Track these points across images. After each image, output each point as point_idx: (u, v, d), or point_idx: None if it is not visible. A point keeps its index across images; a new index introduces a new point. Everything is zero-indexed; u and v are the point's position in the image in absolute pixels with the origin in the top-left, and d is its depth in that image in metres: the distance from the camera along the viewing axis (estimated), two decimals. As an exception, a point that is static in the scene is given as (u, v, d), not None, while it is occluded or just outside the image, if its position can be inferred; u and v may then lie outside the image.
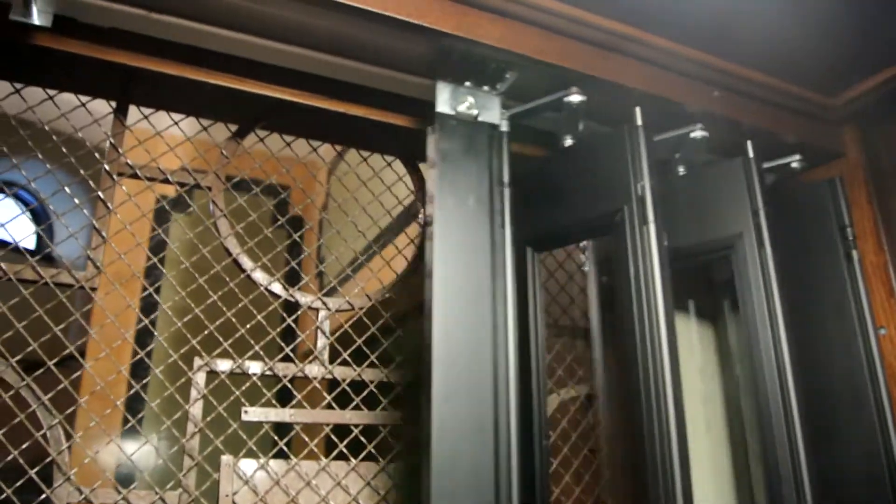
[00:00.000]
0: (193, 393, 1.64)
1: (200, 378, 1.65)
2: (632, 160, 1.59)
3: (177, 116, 1.80)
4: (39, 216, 4.12)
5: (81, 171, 1.69)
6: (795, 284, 1.89)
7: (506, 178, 1.58)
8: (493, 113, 1.59)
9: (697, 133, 1.84)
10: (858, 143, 2.14)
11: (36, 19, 1.37)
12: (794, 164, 2.09)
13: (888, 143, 2.07)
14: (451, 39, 1.51)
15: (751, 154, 1.84)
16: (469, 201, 1.49)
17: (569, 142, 1.71)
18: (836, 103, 2.11)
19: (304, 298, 1.83)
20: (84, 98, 1.71)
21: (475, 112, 1.57)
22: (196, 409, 1.64)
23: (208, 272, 1.73)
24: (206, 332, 1.68)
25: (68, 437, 1.51)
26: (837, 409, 1.86)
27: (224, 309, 1.71)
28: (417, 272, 1.97)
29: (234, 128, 1.81)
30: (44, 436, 1.47)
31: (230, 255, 1.76)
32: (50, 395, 1.50)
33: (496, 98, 1.60)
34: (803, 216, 2.03)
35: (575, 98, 1.64)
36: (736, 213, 1.76)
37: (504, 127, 1.64)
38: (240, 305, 1.74)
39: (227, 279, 1.74)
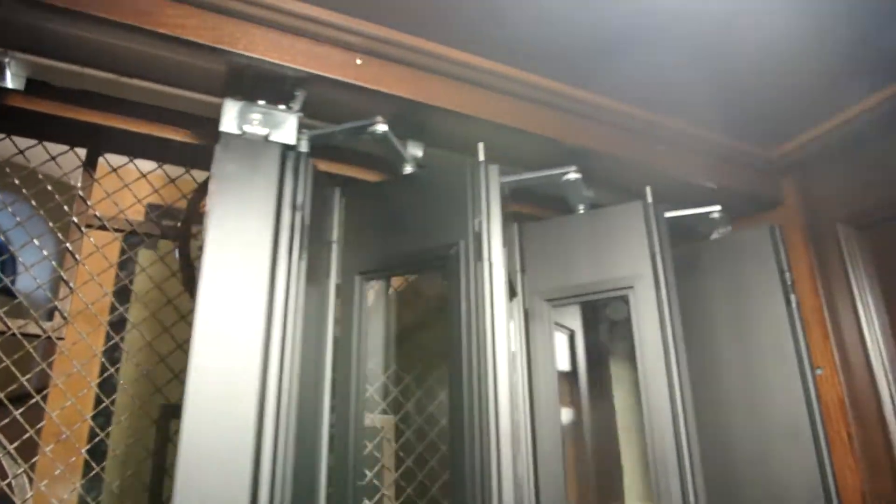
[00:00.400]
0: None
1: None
2: (472, 196, 1.58)
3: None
4: (5, 264, 4.05)
5: (50, 224, 1.73)
6: (737, 325, 2.04)
7: (300, 201, 1.44)
8: (287, 133, 1.47)
9: (571, 175, 1.84)
10: (796, 192, 2.27)
11: (10, 83, 1.41)
12: (714, 215, 2.15)
13: (823, 192, 2.21)
14: (239, 58, 1.45)
15: (649, 199, 1.86)
16: (250, 224, 1.36)
17: (408, 169, 1.67)
18: (776, 155, 2.24)
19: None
20: (54, 151, 1.74)
21: (265, 131, 1.45)
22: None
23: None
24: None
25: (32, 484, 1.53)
26: (778, 442, 1.93)
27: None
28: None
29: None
30: (8, 485, 1.49)
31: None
32: (15, 445, 1.54)
33: (292, 117, 1.49)
34: (746, 261, 2.11)
35: (379, 128, 1.56)
36: (636, 256, 1.80)
37: (303, 147, 1.52)
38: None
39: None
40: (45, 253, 1.68)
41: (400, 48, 1.62)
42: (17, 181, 1.67)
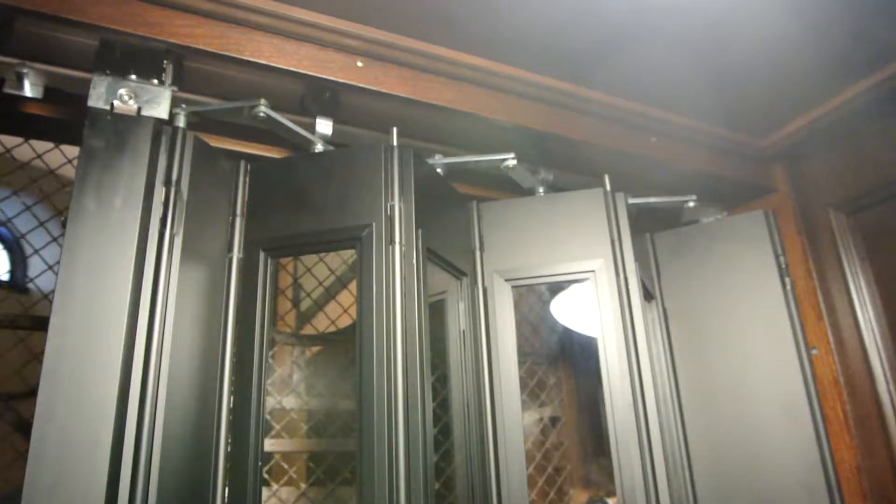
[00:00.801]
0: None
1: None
2: (385, 178, 1.55)
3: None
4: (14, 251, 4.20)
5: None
6: (731, 308, 2.08)
7: (175, 176, 1.40)
8: (160, 108, 1.42)
9: (510, 162, 1.83)
10: (787, 179, 2.32)
11: (28, 92, 1.45)
12: (690, 203, 2.17)
13: (814, 179, 2.26)
14: (109, 33, 1.42)
15: (608, 187, 1.86)
16: (115, 202, 1.31)
17: (319, 148, 1.64)
18: (766, 144, 2.26)
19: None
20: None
21: (135, 106, 1.40)
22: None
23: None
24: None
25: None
26: (775, 421, 1.95)
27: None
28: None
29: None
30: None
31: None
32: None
33: (165, 91, 1.44)
34: (740, 245, 2.14)
35: (262, 111, 1.55)
36: (597, 242, 1.79)
37: (180, 122, 1.48)
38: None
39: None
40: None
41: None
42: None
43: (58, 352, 1.19)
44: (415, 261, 1.50)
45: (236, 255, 1.49)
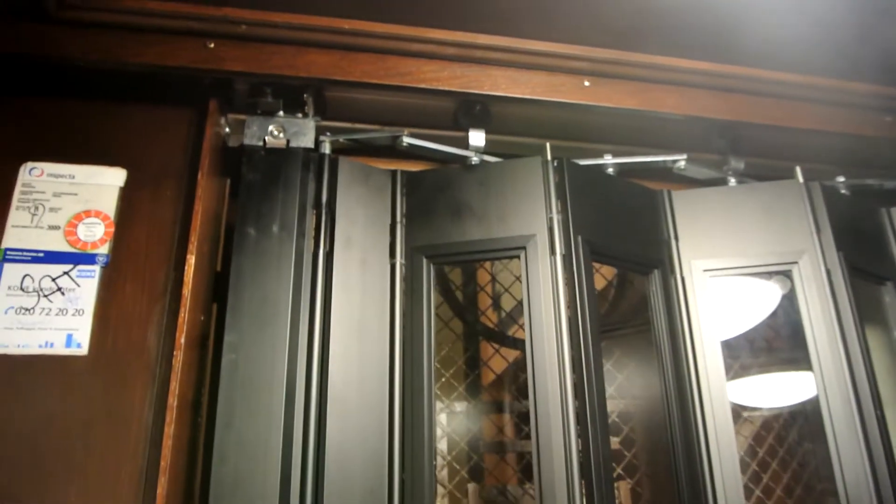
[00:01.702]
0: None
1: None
2: (545, 190, 1.61)
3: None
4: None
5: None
6: None
7: (325, 199, 1.53)
8: (307, 138, 1.58)
9: (681, 163, 1.87)
10: None
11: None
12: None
13: None
14: (233, 74, 1.57)
15: (800, 178, 1.79)
16: (273, 228, 1.46)
17: (475, 160, 1.71)
18: None
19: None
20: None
21: (284, 139, 1.57)
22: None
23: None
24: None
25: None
26: None
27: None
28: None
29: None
30: None
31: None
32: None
33: (310, 123, 1.60)
34: None
35: (405, 141, 1.69)
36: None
37: (326, 149, 1.62)
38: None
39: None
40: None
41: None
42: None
43: (233, 365, 1.35)
44: (575, 268, 1.54)
45: (399, 261, 1.56)
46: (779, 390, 2.34)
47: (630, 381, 2.07)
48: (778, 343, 2.36)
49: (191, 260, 1.41)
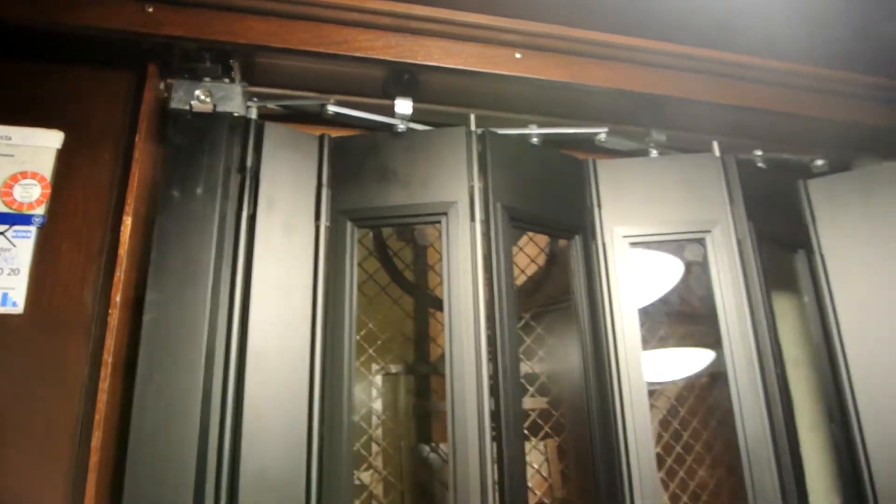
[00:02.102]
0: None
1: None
2: (467, 159, 1.68)
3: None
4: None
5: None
6: (891, 256, 1.99)
7: (250, 164, 1.57)
8: (234, 103, 1.60)
9: (602, 136, 1.95)
10: None
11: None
12: (818, 162, 2.18)
13: None
14: (172, 38, 1.57)
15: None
16: (197, 191, 1.49)
17: (401, 128, 1.74)
18: None
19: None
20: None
21: (211, 104, 1.59)
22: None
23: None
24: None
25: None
26: None
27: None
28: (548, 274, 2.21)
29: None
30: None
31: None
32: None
33: (237, 88, 1.62)
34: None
35: (330, 110, 1.73)
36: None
37: (252, 114, 1.65)
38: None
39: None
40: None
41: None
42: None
43: (154, 323, 1.39)
44: (493, 233, 1.61)
45: (324, 223, 1.61)
46: (678, 364, 2.46)
47: (561, 344, 2.14)
48: (678, 320, 2.45)
49: (127, 221, 1.44)
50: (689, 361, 2.36)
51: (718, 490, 2.28)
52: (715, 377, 2.39)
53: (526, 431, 2.06)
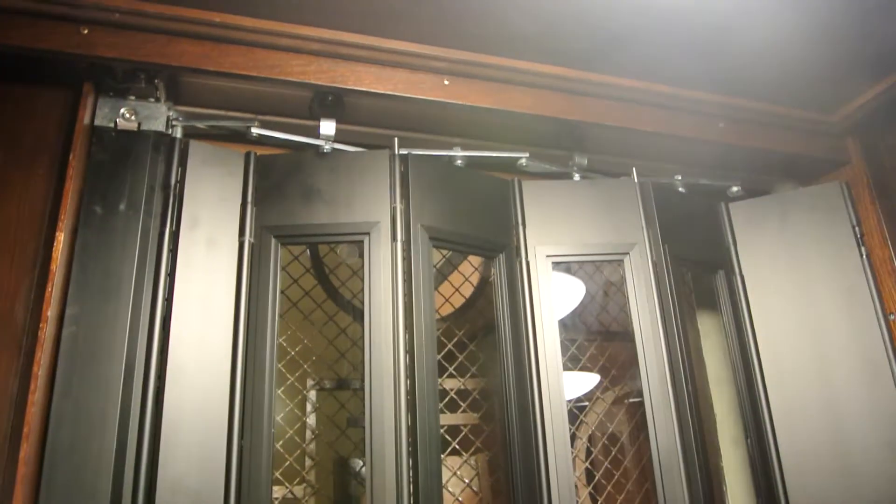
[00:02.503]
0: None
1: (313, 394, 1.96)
2: (390, 181, 1.74)
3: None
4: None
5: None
6: (809, 277, 2.10)
7: (173, 181, 1.60)
8: (158, 122, 1.64)
9: (523, 160, 2.02)
10: (860, 150, 2.29)
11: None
12: (734, 189, 2.31)
13: (887, 148, 2.21)
14: (106, 60, 1.59)
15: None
16: (120, 207, 1.53)
17: (326, 148, 1.77)
18: (836, 119, 2.26)
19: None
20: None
21: (136, 122, 1.63)
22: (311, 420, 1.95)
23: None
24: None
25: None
26: (858, 388, 1.97)
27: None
28: (483, 294, 2.23)
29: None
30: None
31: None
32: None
33: (161, 107, 1.66)
34: (816, 217, 2.15)
35: (255, 133, 1.78)
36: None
37: (178, 133, 1.68)
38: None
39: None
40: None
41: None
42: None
43: (73, 337, 1.42)
44: (413, 253, 1.69)
45: (248, 239, 1.64)
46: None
47: (493, 360, 2.19)
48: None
49: (59, 237, 1.46)
50: (575, 385, 2.42)
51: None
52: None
53: (457, 446, 2.10)
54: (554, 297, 1.85)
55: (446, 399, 2.06)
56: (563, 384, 1.77)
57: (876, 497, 1.86)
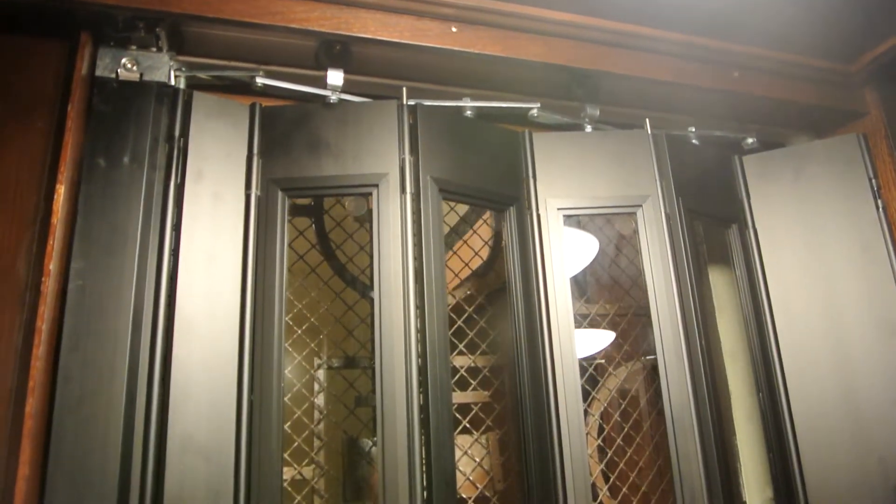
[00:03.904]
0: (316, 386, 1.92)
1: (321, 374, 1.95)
2: (399, 134, 1.70)
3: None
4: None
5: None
6: (824, 231, 2.07)
7: (177, 133, 1.56)
8: (161, 72, 1.61)
9: (534, 111, 1.98)
10: (879, 101, 2.24)
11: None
12: (749, 140, 2.26)
13: None
14: (104, 7, 1.54)
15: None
16: (124, 160, 1.50)
17: (333, 99, 1.74)
18: (855, 69, 2.21)
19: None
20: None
21: (137, 73, 1.59)
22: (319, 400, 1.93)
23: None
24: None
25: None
26: (872, 344, 1.95)
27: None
28: (492, 269, 2.20)
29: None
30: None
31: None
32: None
33: (164, 57, 1.62)
34: (832, 170, 2.12)
35: (259, 83, 1.74)
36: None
37: (181, 84, 1.65)
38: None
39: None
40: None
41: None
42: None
43: (80, 291, 1.40)
44: (422, 205, 1.65)
45: (255, 192, 1.61)
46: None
47: (502, 336, 2.17)
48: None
49: (60, 190, 1.43)
50: (589, 342, 2.39)
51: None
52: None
53: (468, 425, 2.08)
54: (565, 250, 1.82)
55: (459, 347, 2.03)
56: (574, 339, 1.75)
57: (888, 454, 1.85)
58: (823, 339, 1.97)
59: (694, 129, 2.13)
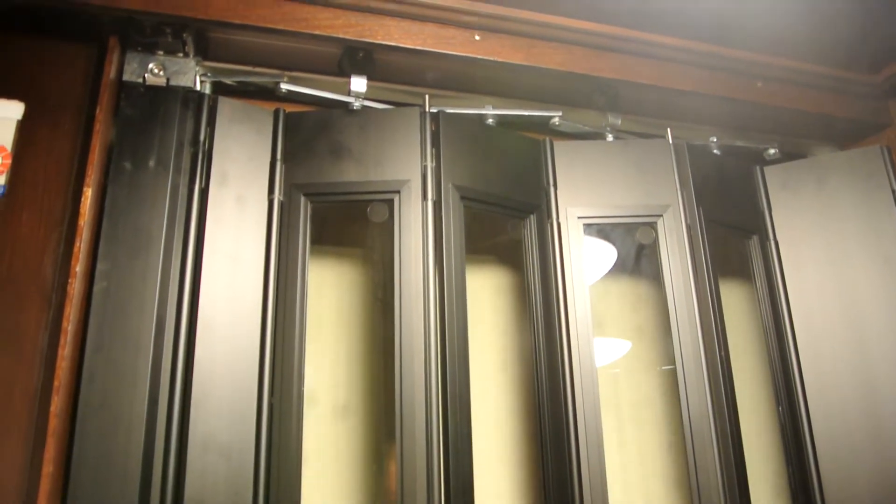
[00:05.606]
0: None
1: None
2: (421, 141, 1.72)
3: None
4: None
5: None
6: (846, 242, 2.05)
7: (202, 137, 1.59)
8: (187, 77, 1.64)
9: (556, 119, 1.99)
10: None
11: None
12: (771, 151, 2.26)
13: None
14: (130, 12, 1.56)
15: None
16: (149, 163, 1.52)
17: (356, 105, 1.76)
18: (879, 79, 2.20)
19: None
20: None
21: (164, 78, 1.62)
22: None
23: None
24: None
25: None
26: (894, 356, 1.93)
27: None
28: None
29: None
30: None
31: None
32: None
33: (190, 62, 1.65)
34: (854, 180, 2.10)
35: (283, 88, 1.76)
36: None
37: (206, 89, 1.68)
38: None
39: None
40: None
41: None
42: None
43: (105, 292, 1.42)
44: (444, 212, 1.67)
45: (277, 197, 1.63)
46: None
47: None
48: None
49: (87, 192, 1.45)
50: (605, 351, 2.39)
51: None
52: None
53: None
54: (585, 259, 1.82)
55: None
56: (594, 348, 1.75)
57: (910, 469, 1.83)
58: (845, 351, 1.95)
59: (716, 139, 2.13)
